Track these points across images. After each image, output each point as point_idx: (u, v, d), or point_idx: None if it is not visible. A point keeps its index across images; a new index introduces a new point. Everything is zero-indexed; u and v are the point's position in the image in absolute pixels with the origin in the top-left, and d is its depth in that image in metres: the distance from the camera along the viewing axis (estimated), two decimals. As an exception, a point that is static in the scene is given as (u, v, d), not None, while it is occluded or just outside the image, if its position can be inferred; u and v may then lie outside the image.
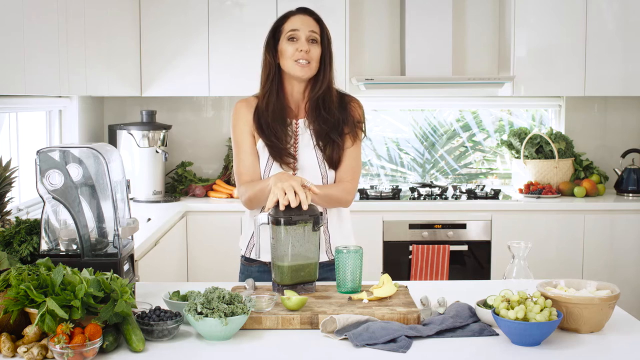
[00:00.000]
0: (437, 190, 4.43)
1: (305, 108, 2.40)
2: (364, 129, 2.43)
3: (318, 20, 2.39)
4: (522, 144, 4.59)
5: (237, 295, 1.83)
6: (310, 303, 2.00)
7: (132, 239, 2.13)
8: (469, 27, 4.69)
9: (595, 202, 4.30)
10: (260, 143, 2.38)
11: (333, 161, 2.37)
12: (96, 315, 1.69)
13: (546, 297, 1.82)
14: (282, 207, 2.07)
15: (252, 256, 2.43)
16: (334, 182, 2.39)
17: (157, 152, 4.26)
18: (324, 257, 2.40)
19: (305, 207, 2.07)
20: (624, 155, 4.61)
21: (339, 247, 2.16)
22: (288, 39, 2.34)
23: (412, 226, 4.18)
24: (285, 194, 2.07)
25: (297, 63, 2.32)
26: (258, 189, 2.29)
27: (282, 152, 2.35)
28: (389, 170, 4.95)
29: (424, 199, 4.30)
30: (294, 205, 2.07)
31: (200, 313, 1.76)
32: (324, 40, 2.37)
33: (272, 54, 2.39)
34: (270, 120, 2.35)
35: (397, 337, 1.76)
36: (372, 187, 4.55)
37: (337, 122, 2.36)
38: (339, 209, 2.43)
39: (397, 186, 4.53)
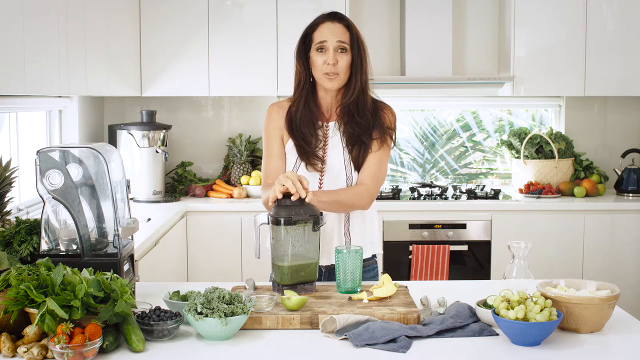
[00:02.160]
0: (437, 190, 4.43)
1: (337, 112, 2.40)
2: (393, 137, 2.41)
3: (348, 26, 2.36)
4: (522, 144, 4.59)
5: (237, 295, 1.83)
6: (310, 303, 2.00)
7: (132, 239, 2.13)
8: (469, 27, 4.69)
9: (595, 202, 4.29)
10: (290, 143, 2.40)
11: (359, 163, 2.37)
12: (96, 315, 1.69)
13: (546, 297, 1.82)
14: (279, 195, 2.09)
15: None
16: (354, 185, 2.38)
17: (157, 152, 4.26)
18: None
19: (302, 195, 2.08)
20: (624, 155, 4.61)
21: (338, 247, 2.16)
22: (317, 49, 2.33)
23: (412, 226, 4.18)
24: (284, 186, 2.09)
25: (325, 75, 2.32)
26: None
27: (309, 154, 2.36)
28: (389, 170, 4.95)
29: (424, 199, 4.30)
30: (292, 190, 2.07)
31: (200, 313, 1.76)
32: (354, 46, 2.35)
33: (302, 63, 2.37)
34: (299, 124, 2.38)
35: (397, 337, 1.76)
36: (372, 187, 4.55)
37: (368, 125, 2.36)
38: (363, 213, 2.42)
39: (397, 186, 4.53)
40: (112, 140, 4.29)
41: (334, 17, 2.37)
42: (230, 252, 4.14)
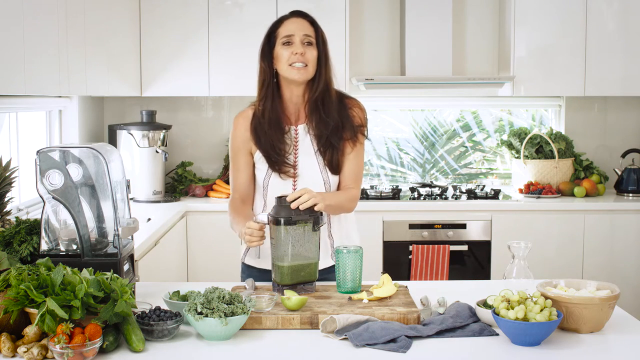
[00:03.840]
0: (437, 190, 4.43)
1: (305, 111, 2.37)
2: (365, 133, 2.40)
3: (312, 22, 2.37)
4: (522, 144, 4.59)
5: (237, 295, 1.83)
6: (310, 303, 2.00)
7: (132, 239, 2.13)
8: (469, 27, 4.69)
9: (595, 202, 4.29)
10: (259, 154, 2.37)
11: (333, 166, 2.35)
12: (96, 315, 1.69)
13: (546, 297, 1.82)
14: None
15: (247, 262, 2.47)
16: (338, 189, 2.39)
17: (157, 152, 4.26)
18: (329, 262, 2.41)
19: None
20: (624, 155, 4.60)
21: (339, 247, 2.16)
22: (283, 43, 2.32)
23: (412, 226, 4.18)
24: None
25: (293, 67, 2.30)
26: (235, 225, 2.34)
27: (280, 162, 2.34)
28: (389, 170, 4.95)
29: (424, 199, 4.30)
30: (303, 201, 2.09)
31: (200, 313, 1.76)
32: (319, 42, 2.35)
33: (267, 61, 2.36)
34: (267, 127, 2.34)
35: (397, 337, 1.76)
36: (372, 187, 4.55)
37: (336, 125, 2.34)
38: (340, 214, 2.43)
39: (397, 186, 4.53)
40: (112, 140, 4.29)
41: (299, 13, 2.38)
42: (230, 252, 4.13)
